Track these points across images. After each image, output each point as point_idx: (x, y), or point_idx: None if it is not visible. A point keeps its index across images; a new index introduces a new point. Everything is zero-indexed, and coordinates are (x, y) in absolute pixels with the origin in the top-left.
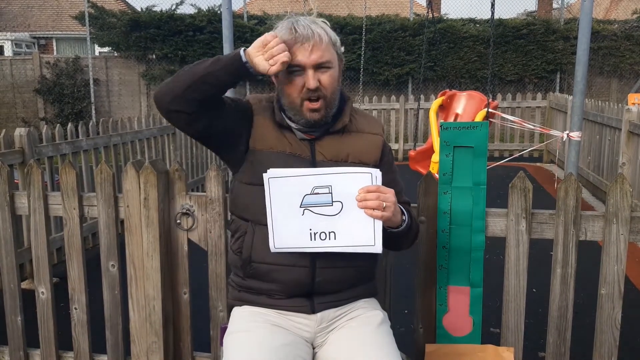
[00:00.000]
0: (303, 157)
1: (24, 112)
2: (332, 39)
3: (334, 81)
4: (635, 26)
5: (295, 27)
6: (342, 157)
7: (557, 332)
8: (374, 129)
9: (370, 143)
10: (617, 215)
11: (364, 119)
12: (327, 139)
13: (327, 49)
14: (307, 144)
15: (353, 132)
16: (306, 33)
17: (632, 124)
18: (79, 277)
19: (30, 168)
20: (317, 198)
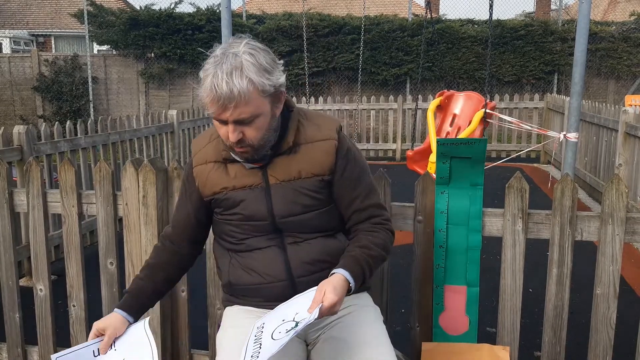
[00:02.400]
0: (254, 186)
1: (22, 109)
2: (258, 85)
3: (260, 131)
4: (632, 28)
5: (215, 84)
6: (294, 175)
7: (552, 331)
8: (326, 134)
9: (322, 151)
10: (613, 216)
11: (314, 125)
12: (277, 161)
13: (249, 102)
14: (258, 170)
15: (303, 144)
16: (223, 91)
17: (629, 126)
18: (78, 275)
19: (29, 165)
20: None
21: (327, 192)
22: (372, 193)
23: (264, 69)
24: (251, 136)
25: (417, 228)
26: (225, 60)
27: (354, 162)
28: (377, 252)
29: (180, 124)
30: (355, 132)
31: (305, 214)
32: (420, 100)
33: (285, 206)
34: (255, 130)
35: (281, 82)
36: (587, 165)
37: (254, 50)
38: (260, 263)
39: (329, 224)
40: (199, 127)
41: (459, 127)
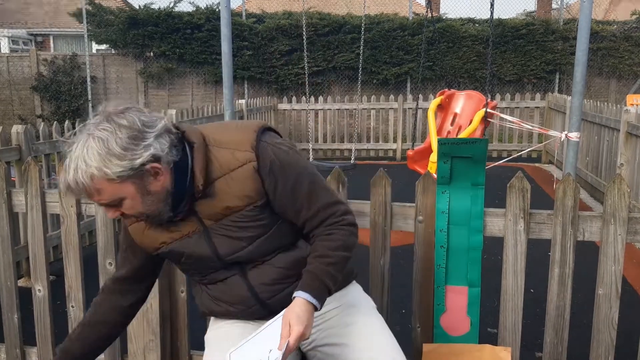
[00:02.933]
0: (193, 233)
1: (21, 109)
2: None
3: (136, 208)
4: (634, 27)
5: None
6: (224, 212)
7: (554, 332)
8: (241, 158)
9: (243, 179)
10: (615, 216)
11: (226, 152)
12: (201, 203)
13: (100, 191)
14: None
15: (220, 177)
16: (73, 185)
17: (631, 125)
18: (76, 275)
19: (27, 165)
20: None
21: (269, 213)
22: (315, 196)
23: (114, 154)
24: (131, 211)
25: (418, 228)
26: (76, 145)
27: (283, 174)
28: (336, 257)
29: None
30: (355, 132)
31: (253, 244)
32: (421, 100)
33: (229, 246)
34: (128, 209)
35: (143, 160)
36: (589, 165)
37: (107, 132)
38: (225, 294)
39: (284, 240)
40: None
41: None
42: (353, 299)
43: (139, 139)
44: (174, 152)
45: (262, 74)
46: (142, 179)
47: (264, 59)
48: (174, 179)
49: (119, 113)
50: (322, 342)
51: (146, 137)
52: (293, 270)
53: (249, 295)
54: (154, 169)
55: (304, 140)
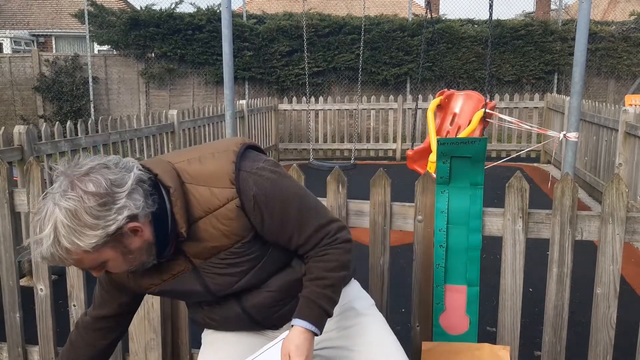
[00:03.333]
0: (182, 273)
1: (23, 109)
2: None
3: (118, 266)
4: (632, 28)
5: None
6: (213, 251)
7: (552, 331)
8: (222, 196)
9: (228, 220)
10: (613, 215)
11: (204, 190)
12: (187, 244)
13: (79, 260)
14: (180, 254)
15: (203, 216)
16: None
17: (629, 125)
18: (78, 275)
19: (29, 165)
20: None
21: (259, 245)
22: (305, 221)
23: (86, 225)
24: (117, 270)
25: (417, 228)
26: (45, 216)
27: (267, 207)
28: (332, 278)
29: (180, 124)
30: (355, 132)
31: (245, 277)
32: (421, 100)
33: (220, 282)
34: (113, 269)
35: (118, 225)
36: (587, 164)
37: (74, 201)
38: (220, 317)
39: (277, 265)
40: (200, 127)
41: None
42: (352, 300)
43: (110, 203)
44: (150, 203)
45: (262, 74)
46: (120, 241)
47: (265, 59)
48: (154, 228)
49: (82, 177)
50: (321, 345)
51: (117, 199)
52: (288, 292)
53: (244, 317)
54: (132, 228)
55: (304, 141)
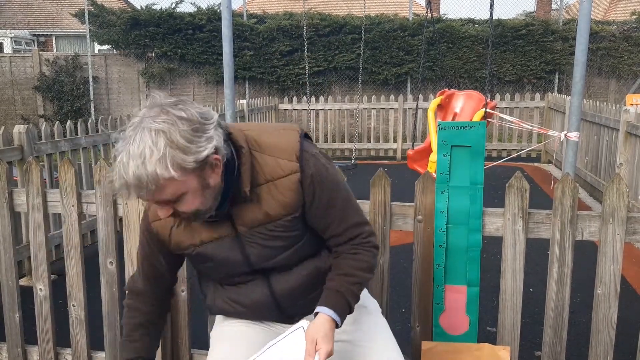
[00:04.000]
0: (224, 237)
1: (23, 109)
2: (171, 168)
3: (192, 204)
4: (633, 27)
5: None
6: (262, 219)
7: (553, 331)
8: (286, 168)
9: (286, 189)
10: (614, 215)
11: (271, 160)
12: (240, 208)
13: (163, 187)
14: (225, 219)
15: (263, 184)
16: (132, 180)
17: (630, 125)
18: (77, 274)
19: (29, 165)
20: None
21: (301, 225)
22: (347, 213)
23: (179, 146)
24: (184, 209)
25: (417, 227)
26: (135, 139)
27: (320, 188)
28: (360, 277)
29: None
30: (355, 132)
31: (284, 254)
32: (421, 100)
33: (261, 253)
34: (186, 205)
35: (208, 152)
36: (588, 164)
37: (168, 124)
38: (243, 296)
39: (310, 251)
40: None
41: None
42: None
43: (201, 131)
44: (226, 147)
45: (263, 74)
46: (204, 171)
47: (265, 59)
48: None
49: (173, 105)
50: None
51: (206, 129)
52: (315, 279)
53: (269, 300)
54: (215, 160)
55: None
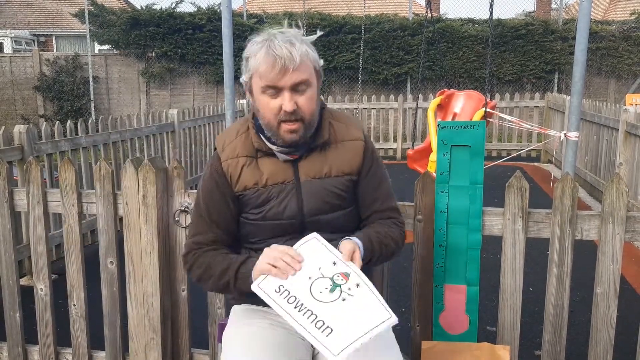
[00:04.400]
0: (285, 183)
1: (24, 109)
2: (311, 57)
3: (312, 102)
4: (633, 27)
5: (271, 47)
6: (325, 172)
7: (552, 330)
8: (355, 135)
9: (351, 151)
10: (613, 215)
11: (342, 125)
12: (309, 157)
13: (304, 69)
14: (290, 165)
15: (333, 143)
16: (283, 53)
17: (630, 124)
18: (78, 274)
19: (29, 165)
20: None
21: (352, 192)
22: (391, 197)
23: (313, 48)
24: (304, 106)
25: (417, 227)
26: (278, 36)
27: (377, 164)
28: (389, 242)
29: (180, 124)
30: None
31: (332, 214)
32: (421, 100)
33: (315, 204)
34: (308, 101)
35: (320, 66)
36: (588, 164)
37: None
38: None
39: (349, 225)
40: (200, 126)
41: None
42: None
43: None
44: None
45: None
46: (318, 79)
47: None
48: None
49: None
50: None
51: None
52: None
53: None
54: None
55: None
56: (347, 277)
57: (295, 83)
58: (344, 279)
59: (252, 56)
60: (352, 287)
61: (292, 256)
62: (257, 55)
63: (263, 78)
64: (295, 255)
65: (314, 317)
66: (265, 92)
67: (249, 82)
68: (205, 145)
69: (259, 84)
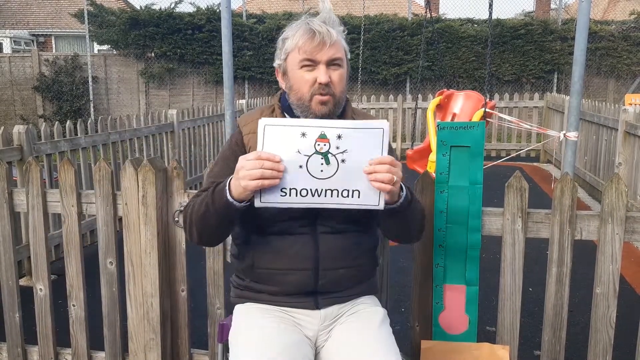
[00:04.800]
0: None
1: (23, 109)
2: (344, 42)
3: (343, 80)
4: (632, 27)
5: (310, 24)
6: None
7: (552, 330)
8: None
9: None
10: (613, 215)
11: (361, 118)
12: None
13: (339, 48)
14: None
15: None
16: (321, 30)
17: (629, 124)
18: (77, 274)
19: (28, 165)
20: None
21: None
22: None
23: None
24: (336, 82)
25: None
26: (314, 19)
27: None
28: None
29: (180, 124)
30: None
31: None
32: (420, 100)
33: None
34: (339, 78)
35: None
36: (587, 164)
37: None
38: (290, 248)
39: (364, 215)
40: (199, 126)
41: None
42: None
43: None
44: None
45: (262, 74)
46: (348, 65)
47: (265, 59)
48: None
49: None
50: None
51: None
52: (357, 252)
53: (311, 256)
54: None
55: None
56: (325, 138)
57: (331, 59)
58: (325, 142)
59: (290, 36)
60: (337, 143)
61: (268, 158)
62: (296, 34)
63: (302, 51)
64: (270, 156)
65: (336, 191)
66: (301, 67)
67: (283, 64)
68: (204, 145)
69: (297, 59)
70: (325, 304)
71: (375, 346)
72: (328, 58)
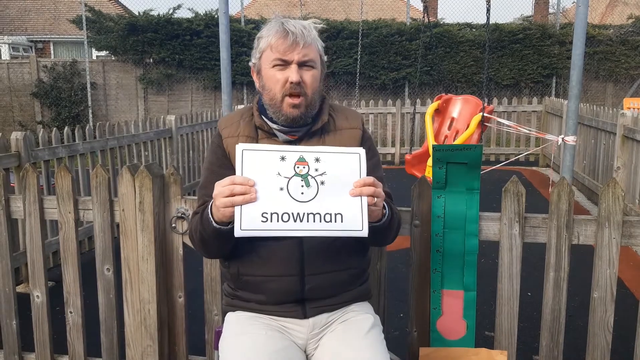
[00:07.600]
0: None
1: (21, 115)
2: (319, 44)
3: (315, 81)
4: (630, 31)
5: (284, 24)
6: None
7: (550, 335)
8: (353, 124)
9: (349, 138)
10: (610, 219)
11: (342, 115)
12: (309, 142)
13: (312, 49)
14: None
15: (332, 130)
16: (294, 30)
17: (627, 129)
18: (74, 281)
19: (25, 172)
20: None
21: None
22: (384, 183)
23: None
24: (308, 82)
25: (414, 232)
26: (289, 20)
27: (372, 153)
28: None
29: (178, 129)
30: None
31: None
32: (419, 104)
33: None
34: (312, 79)
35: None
36: (586, 168)
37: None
38: (275, 254)
39: None
40: (197, 132)
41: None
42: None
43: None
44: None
45: None
46: (322, 67)
47: None
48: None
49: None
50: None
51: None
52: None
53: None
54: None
55: None
56: (304, 161)
57: (303, 60)
58: (304, 165)
59: (264, 36)
60: (316, 166)
61: (241, 182)
62: (269, 33)
63: (274, 50)
64: (244, 180)
65: (318, 215)
66: (274, 66)
67: (257, 63)
68: (203, 151)
69: (270, 58)
70: (314, 312)
71: (361, 355)
72: (300, 58)
